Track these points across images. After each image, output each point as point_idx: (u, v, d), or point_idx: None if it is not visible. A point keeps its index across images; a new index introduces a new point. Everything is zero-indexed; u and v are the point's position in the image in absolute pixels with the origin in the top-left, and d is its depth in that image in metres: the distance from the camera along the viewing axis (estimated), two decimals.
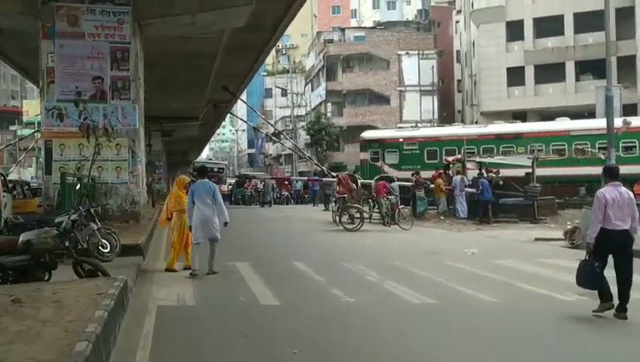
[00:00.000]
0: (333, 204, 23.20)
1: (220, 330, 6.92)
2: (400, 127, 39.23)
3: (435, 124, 53.47)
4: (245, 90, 46.69)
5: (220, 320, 7.45)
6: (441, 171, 24.61)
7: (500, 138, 29.93)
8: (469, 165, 23.72)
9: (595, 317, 7.54)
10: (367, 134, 35.01)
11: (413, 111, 54.56)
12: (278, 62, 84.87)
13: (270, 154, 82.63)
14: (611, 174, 7.77)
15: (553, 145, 28.72)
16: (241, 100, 43.50)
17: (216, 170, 42.94)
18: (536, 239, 16.90)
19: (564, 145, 29.11)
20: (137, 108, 17.08)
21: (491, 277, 10.51)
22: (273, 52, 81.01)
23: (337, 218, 20.03)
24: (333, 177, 32.26)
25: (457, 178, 22.54)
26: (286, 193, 43.28)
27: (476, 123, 49.83)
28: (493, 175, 23.09)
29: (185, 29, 18.65)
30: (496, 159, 24.08)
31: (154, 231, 17.18)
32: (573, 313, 7.89)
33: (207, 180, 10.92)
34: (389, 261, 12.46)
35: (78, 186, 13.69)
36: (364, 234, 18.46)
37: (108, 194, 16.73)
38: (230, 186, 43.27)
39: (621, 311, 7.40)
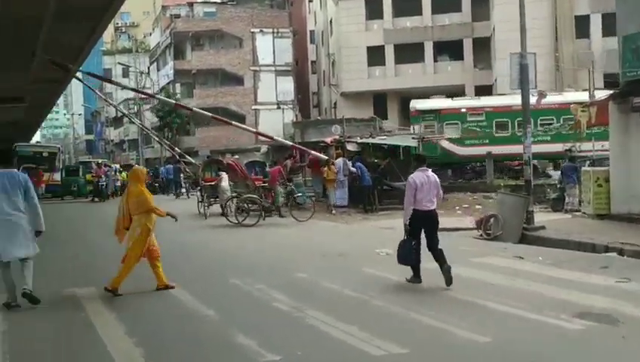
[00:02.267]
0: (199, 193, 19.70)
1: None
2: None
3: (292, 106, 51.22)
4: (81, 69, 40.81)
5: None
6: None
7: None
8: (349, 146, 21.10)
9: None
10: (420, 104, 29.10)
11: (269, 93, 51.63)
12: (119, 37, 77.86)
13: (112, 140, 75.80)
14: (421, 160, 8.70)
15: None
16: (77, 78, 37.86)
17: (46, 154, 36.56)
18: (441, 229, 14.64)
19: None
20: None
21: (442, 293, 7.82)
22: (112, 29, 74.15)
23: (205, 209, 16.84)
24: (185, 163, 28.58)
25: (340, 161, 19.88)
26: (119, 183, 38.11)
27: (335, 105, 48.18)
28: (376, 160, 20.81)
29: None
30: (377, 140, 21.76)
31: None
32: (604, 351, 5.39)
33: (14, 170, 7.59)
34: (293, 271, 9.41)
35: None
36: (245, 231, 15.31)
37: None
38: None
39: (448, 274, 7.99)
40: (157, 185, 37.93)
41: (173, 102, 28.26)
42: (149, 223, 8.10)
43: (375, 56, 44.05)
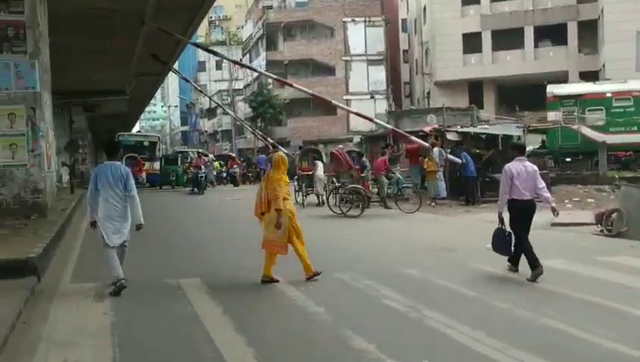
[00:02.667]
0: (296, 183, 19.58)
1: None
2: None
3: (385, 96, 50.34)
4: (177, 62, 41.73)
5: None
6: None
7: None
8: (449, 136, 20.19)
9: None
10: (558, 89, 27.22)
11: (361, 83, 50.92)
12: (212, 30, 79.66)
13: (206, 131, 77.78)
14: (520, 150, 8.44)
15: None
16: (174, 71, 38.69)
17: (147, 144, 37.29)
18: (553, 224, 13.63)
19: None
20: (38, 66, 12.75)
21: (571, 295, 7.03)
22: (206, 23, 75.88)
23: (303, 198, 18.02)
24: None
25: (436, 150, 19.07)
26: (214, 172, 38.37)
27: (428, 94, 46.98)
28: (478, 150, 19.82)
29: None
30: (479, 129, 20.72)
31: (66, 229, 13.04)
32: None
33: (117, 163, 7.89)
34: (400, 266, 8.86)
35: None
36: (347, 222, 14.98)
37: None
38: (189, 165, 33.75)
39: (538, 268, 7.75)
40: (250, 174, 38.13)
41: (274, 76, 27.93)
42: (290, 207, 8.14)
43: (471, 43, 42.56)
